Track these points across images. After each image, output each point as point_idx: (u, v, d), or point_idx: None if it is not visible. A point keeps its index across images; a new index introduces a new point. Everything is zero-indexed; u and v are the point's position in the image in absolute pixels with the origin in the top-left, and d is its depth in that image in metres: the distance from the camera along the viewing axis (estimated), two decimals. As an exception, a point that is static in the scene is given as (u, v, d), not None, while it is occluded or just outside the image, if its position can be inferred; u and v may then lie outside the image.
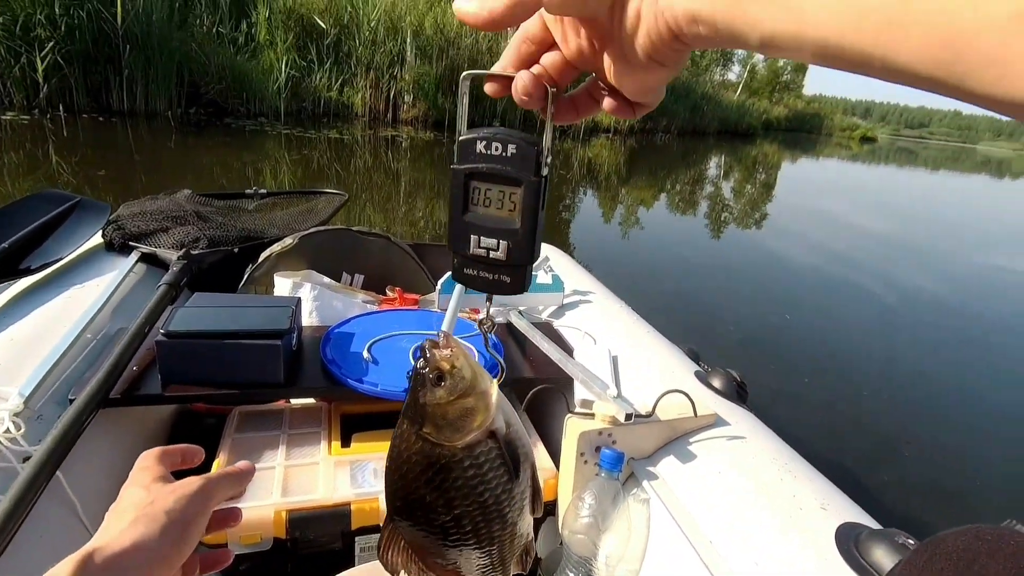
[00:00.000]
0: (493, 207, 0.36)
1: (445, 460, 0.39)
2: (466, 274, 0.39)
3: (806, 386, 2.72)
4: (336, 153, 6.87)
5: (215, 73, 7.82)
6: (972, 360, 3.42)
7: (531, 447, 0.43)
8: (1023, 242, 8.41)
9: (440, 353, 0.38)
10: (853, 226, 7.54)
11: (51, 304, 1.03)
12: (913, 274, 5.31)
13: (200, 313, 0.92)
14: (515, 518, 0.43)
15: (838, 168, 18.71)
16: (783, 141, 26.49)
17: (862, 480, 2.03)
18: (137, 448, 0.98)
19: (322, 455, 0.91)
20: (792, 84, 40.26)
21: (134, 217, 1.39)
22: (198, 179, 4.66)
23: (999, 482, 2.20)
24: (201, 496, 0.42)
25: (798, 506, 0.73)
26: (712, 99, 21.19)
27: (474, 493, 0.40)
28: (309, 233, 1.35)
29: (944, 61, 0.18)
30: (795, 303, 3.98)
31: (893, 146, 48.60)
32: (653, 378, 1.04)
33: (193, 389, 0.88)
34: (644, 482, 0.85)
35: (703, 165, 12.89)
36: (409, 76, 9.82)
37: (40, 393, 0.81)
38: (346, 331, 1.08)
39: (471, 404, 0.38)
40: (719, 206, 7.83)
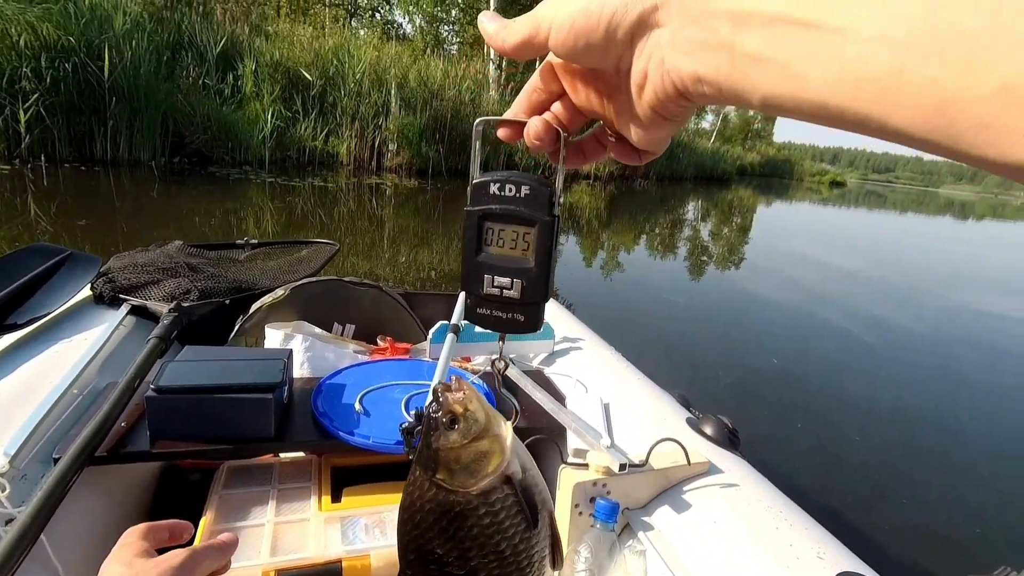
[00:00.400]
0: (507, 247, 0.37)
1: (460, 508, 0.37)
2: (479, 313, 0.38)
3: (797, 431, 2.72)
4: (320, 200, 6.91)
5: (200, 123, 7.90)
6: (957, 401, 3.45)
7: (548, 494, 0.41)
8: (992, 281, 8.63)
9: (453, 396, 0.37)
10: (830, 267, 7.69)
11: (38, 359, 1.02)
12: (891, 315, 5.39)
13: (191, 367, 0.92)
14: (535, 572, 0.41)
15: (811, 211, 19.32)
16: (757, 186, 27.40)
17: (857, 526, 2.01)
18: (122, 507, 0.96)
19: (312, 511, 0.89)
20: (763, 132, 42.46)
21: (124, 270, 1.39)
22: (179, 227, 4.65)
23: (991, 525, 2.19)
24: (184, 571, 0.41)
25: (795, 556, 0.73)
26: (687, 146, 22.00)
27: (490, 543, 0.38)
28: (300, 284, 1.36)
29: (938, 126, 0.19)
30: (780, 346, 4.02)
31: (862, 190, 50.55)
32: (645, 426, 1.04)
33: (182, 445, 0.87)
34: (640, 533, 0.85)
35: (682, 210, 13.22)
36: (394, 126, 10.02)
37: (25, 452, 0.79)
38: (337, 382, 1.08)
39: (485, 447, 0.37)
40: (699, 249, 7.97)
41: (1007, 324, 5.68)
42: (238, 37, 9.12)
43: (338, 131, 9.80)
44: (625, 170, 16.51)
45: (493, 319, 0.38)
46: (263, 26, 10.39)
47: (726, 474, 0.91)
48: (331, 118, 9.69)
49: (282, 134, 9.01)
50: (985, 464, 2.68)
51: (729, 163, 27.00)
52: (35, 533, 0.65)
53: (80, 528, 0.79)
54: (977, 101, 0.18)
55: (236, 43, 8.94)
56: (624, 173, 16.53)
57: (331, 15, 17.10)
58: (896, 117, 0.20)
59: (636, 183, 17.08)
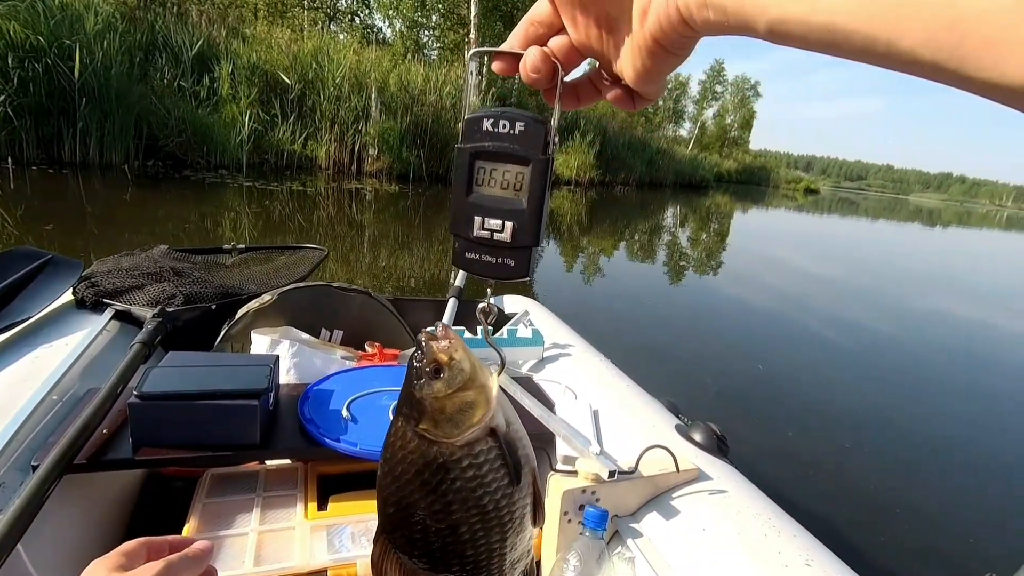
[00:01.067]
0: (499, 187, 0.35)
1: (443, 459, 0.36)
2: (467, 258, 0.37)
3: (785, 437, 2.73)
4: (299, 205, 6.82)
5: (175, 126, 7.73)
6: (944, 407, 3.49)
7: (532, 451, 0.41)
8: (964, 287, 8.81)
9: (438, 345, 0.36)
10: (810, 274, 7.83)
11: (17, 365, 1.00)
12: (871, 319, 5.49)
13: (175, 373, 0.90)
14: (516, 529, 0.40)
15: (788, 218, 19.69)
16: (734, 192, 27.93)
17: (845, 534, 2.02)
18: (103, 516, 0.94)
19: (298, 519, 0.88)
20: (739, 140, 43.36)
21: (108, 274, 1.37)
22: (153, 232, 4.56)
23: (979, 531, 2.21)
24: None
25: (784, 563, 0.73)
26: (667, 153, 22.41)
27: (473, 497, 0.37)
28: (287, 289, 1.34)
29: (947, 44, 0.19)
30: (764, 351, 4.05)
31: (835, 197, 52.38)
32: (634, 433, 1.04)
33: (165, 452, 0.86)
34: (628, 540, 0.84)
35: (661, 215, 13.39)
36: (374, 130, 9.95)
37: (3, 459, 0.77)
38: (325, 389, 1.07)
39: (471, 398, 0.36)
40: (681, 256, 8.04)
41: (981, 329, 5.82)
42: (214, 39, 8.98)
43: (317, 135, 9.70)
44: (606, 176, 16.64)
45: (482, 264, 0.37)
46: (240, 28, 10.27)
47: (715, 481, 0.90)
48: (310, 122, 9.59)
49: (260, 138, 8.88)
50: (974, 471, 2.72)
51: (707, 170, 27.61)
52: (11, 542, 0.63)
53: (59, 538, 0.78)
54: (993, 13, 0.18)
55: (212, 45, 8.80)
56: (605, 180, 16.68)
57: (310, 18, 16.99)
58: (906, 38, 0.20)
59: (617, 189, 17.28)
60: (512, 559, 0.42)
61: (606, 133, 16.73)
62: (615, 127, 18.14)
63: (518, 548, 0.42)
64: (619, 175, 17.78)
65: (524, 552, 0.43)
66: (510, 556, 0.41)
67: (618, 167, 17.60)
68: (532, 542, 0.43)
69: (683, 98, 40.38)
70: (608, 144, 16.69)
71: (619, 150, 17.71)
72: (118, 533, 0.97)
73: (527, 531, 0.42)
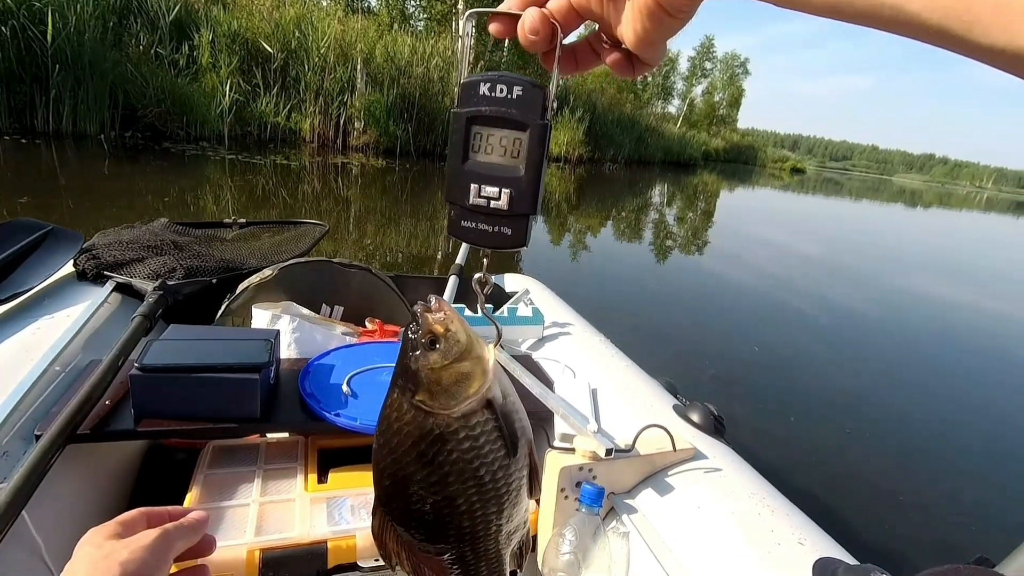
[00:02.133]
0: (495, 153, 0.35)
1: (440, 431, 0.36)
2: (463, 227, 0.36)
3: (782, 418, 2.76)
4: (283, 179, 6.66)
5: (153, 96, 7.44)
6: (937, 388, 3.52)
7: (528, 423, 0.41)
8: (948, 269, 8.87)
9: (433, 316, 0.36)
10: (804, 256, 7.82)
11: (19, 335, 1.00)
12: (864, 301, 5.52)
13: (176, 346, 0.91)
14: (513, 500, 0.40)
15: (776, 198, 19.74)
16: (722, 171, 27.95)
17: (838, 513, 2.05)
18: (106, 486, 0.95)
19: (298, 491, 0.89)
20: (727, 118, 43.13)
21: (109, 246, 1.37)
22: (131, 205, 4.45)
23: (971, 512, 2.24)
24: (156, 548, 0.41)
25: (776, 541, 0.74)
26: (655, 131, 22.23)
27: (470, 468, 0.37)
28: (288, 264, 1.34)
29: (955, 9, 0.18)
30: (760, 332, 4.06)
31: (820, 177, 52.42)
32: (632, 412, 1.04)
33: (167, 424, 0.86)
34: (624, 517, 0.85)
35: (651, 195, 13.34)
36: (359, 103, 9.66)
37: (6, 429, 0.78)
38: (325, 364, 1.07)
39: (467, 369, 0.36)
40: (669, 235, 8.00)
41: (968, 313, 5.86)
42: (192, 4, 8.58)
43: (301, 107, 9.38)
44: (595, 153, 16.52)
45: (477, 233, 0.36)
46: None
47: (711, 460, 0.91)
48: (293, 93, 9.27)
49: (241, 109, 8.57)
50: (965, 452, 2.75)
51: (695, 148, 27.53)
52: (16, 510, 0.64)
53: (62, 506, 0.79)
54: None
55: (191, 11, 8.41)
56: (594, 157, 16.57)
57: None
58: (913, 1, 0.19)
59: (605, 167, 17.18)
60: (508, 530, 0.42)
61: (595, 109, 16.55)
62: (604, 103, 17.96)
63: (514, 520, 0.42)
64: (608, 152, 17.71)
65: (520, 524, 0.43)
66: (506, 527, 0.42)
67: (607, 144, 17.53)
68: (528, 514, 0.43)
69: (672, 74, 39.99)
70: (597, 120, 16.52)
71: (608, 127, 17.55)
72: (121, 503, 0.99)
73: (523, 503, 0.42)
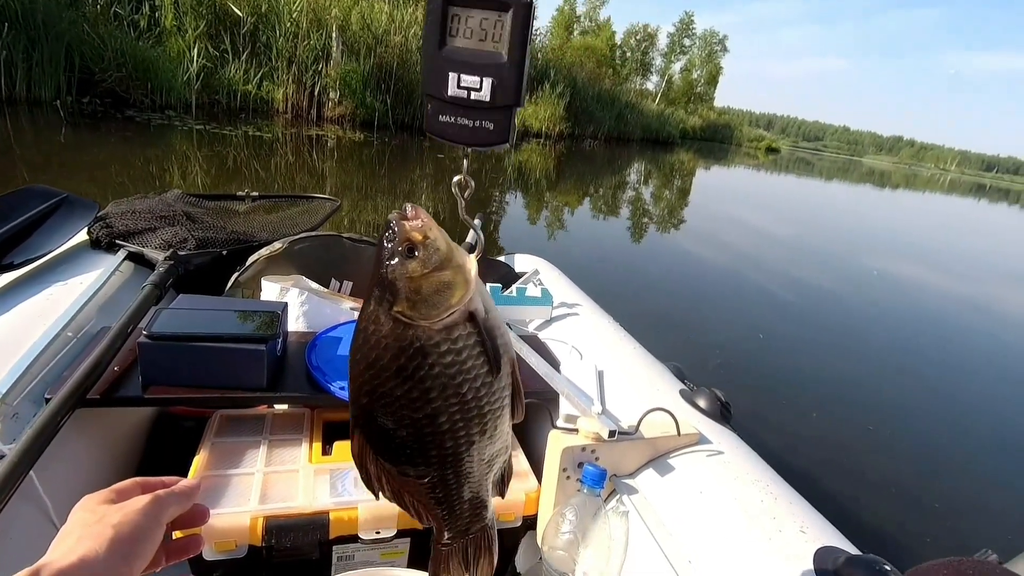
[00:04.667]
0: (476, 38, 0.32)
1: (420, 343, 0.34)
2: (441, 123, 0.34)
3: (789, 406, 2.74)
4: (255, 151, 6.40)
5: (112, 59, 6.97)
6: (947, 377, 3.49)
7: (511, 342, 0.39)
8: (926, 251, 8.89)
9: (411, 223, 0.34)
10: (796, 241, 7.79)
11: (33, 300, 1.02)
12: (870, 288, 5.50)
13: (185, 315, 0.91)
14: (495, 422, 0.39)
15: (753, 177, 19.71)
16: (699, 150, 27.93)
17: (841, 503, 2.04)
18: (115, 451, 0.97)
19: (302, 462, 0.90)
20: (705, 96, 43.02)
21: (122, 215, 1.38)
22: (92, 176, 4.23)
23: (977, 505, 2.22)
24: (149, 512, 0.41)
25: (778, 528, 0.74)
26: (635, 107, 22.06)
27: (452, 384, 0.36)
28: (298, 238, 1.34)
29: None
30: (764, 317, 4.03)
31: (793, 156, 53.36)
32: (637, 395, 1.04)
33: (174, 392, 0.87)
34: (626, 499, 0.85)
35: (629, 172, 13.25)
36: (335, 72, 9.27)
37: (17, 391, 0.79)
38: (333, 337, 1.08)
39: (448, 278, 0.34)
40: (647, 213, 7.89)
41: (964, 298, 5.89)
42: None
43: (273, 75, 8.96)
44: (575, 130, 16.44)
45: (457, 128, 0.34)
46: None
47: (715, 446, 0.91)
48: (264, 61, 8.83)
49: (209, 76, 8.12)
50: (974, 444, 2.72)
51: (674, 126, 27.52)
52: (24, 469, 0.66)
53: (72, 468, 0.80)
54: None
55: None
56: (574, 133, 16.47)
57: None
58: None
59: (586, 143, 17.07)
60: (491, 452, 0.41)
61: (576, 84, 16.38)
62: (584, 77, 17.82)
63: (496, 443, 0.41)
64: (588, 128, 17.67)
65: (502, 449, 0.42)
66: (489, 450, 0.40)
67: (587, 121, 17.45)
68: (509, 439, 0.42)
69: (651, 50, 39.87)
70: (577, 96, 16.37)
71: (588, 103, 17.42)
72: (129, 468, 1.01)
73: (505, 425, 0.41)
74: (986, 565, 0.48)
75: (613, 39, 31.93)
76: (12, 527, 0.66)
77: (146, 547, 0.40)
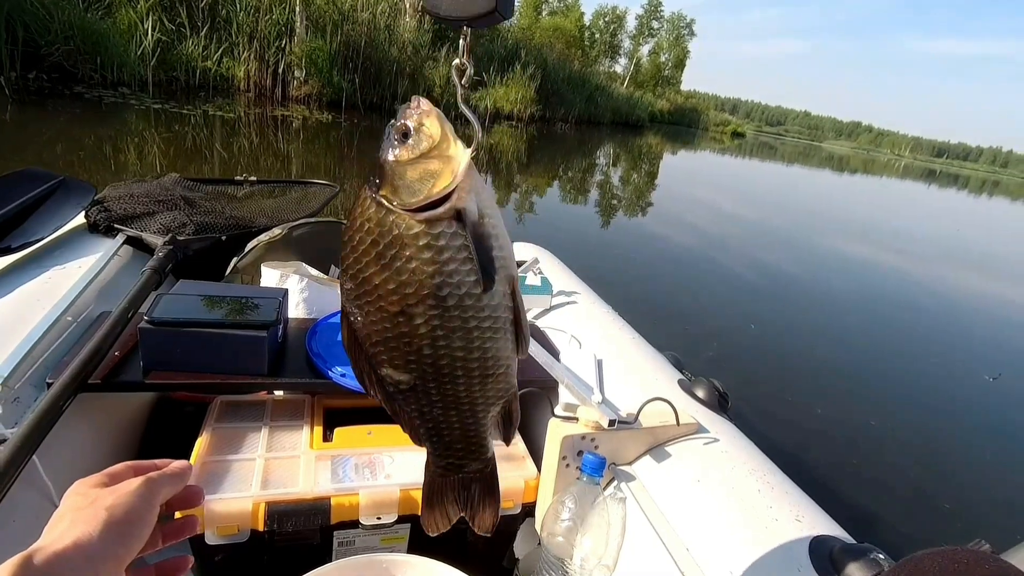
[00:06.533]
0: None
1: (399, 231, 0.34)
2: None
3: (784, 397, 2.76)
4: (215, 131, 6.17)
5: (59, 31, 6.56)
6: (945, 370, 3.52)
7: (513, 263, 0.37)
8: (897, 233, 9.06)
9: (409, 111, 0.34)
10: (762, 223, 7.88)
11: (31, 284, 1.01)
12: (865, 274, 5.60)
13: (186, 301, 0.91)
14: (485, 343, 0.37)
15: (725, 161, 20.26)
16: (666, 133, 28.42)
17: (836, 492, 2.07)
18: (116, 436, 0.97)
19: (303, 448, 0.91)
20: (672, 79, 43.86)
21: (120, 199, 1.37)
22: (38, 155, 3.99)
23: (971, 496, 2.25)
24: (142, 493, 0.41)
25: (774, 517, 0.75)
26: (604, 90, 22.20)
27: (430, 284, 0.35)
28: (298, 224, 1.34)
29: None
30: (757, 311, 4.03)
31: (757, 141, 54.74)
32: (637, 384, 1.04)
33: (175, 377, 0.87)
34: (624, 487, 0.86)
35: (596, 154, 13.31)
36: (299, 50, 8.92)
37: (18, 375, 0.79)
38: (333, 324, 1.08)
39: (433, 167, 0.34)
40: (621, 198, 7.88)
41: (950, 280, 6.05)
42: None
43: (233, 51, 8.57)
44: (546, 112, 16.47)
45: (451, 1, 0.33)
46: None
47: (713, 436, 0.92)
48: (224, 36, 8.43)
49: (166, 51, 7.73)
50: (969, 432, 2.75)
51: (643, 110, 27.91)
52: (26, 453, 0.66)
53: (74, 453, 0.81)
54: None
55: None
56: (545, 115, 16.50)
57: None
58: None
59: (557, 126, 17.15)
60: (484, 383, 0.39)
61: (546, 65, 16.36)
62: (554, 59, 17.84)
63: (489, 372, 0.39)
64: (559, 112, 17.72)
65: (503, 384, 0.40)
66: (479, 376, 0.39)
67: (557, 103, 17.48)
68: (510, 376, 0.41)
69: (620, 32, 40.05)
70: (548, 78, 16.33)
71: (559, 85, 17.42)
72: (130, 453, 1.01)
73: (502, 355, 0.39)
74: (980, 555, 0.48)
75: (582, 20, 31.57)
76: (16, 511, 0.66)
77: (140, 529, 0.40)
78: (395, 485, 0.85)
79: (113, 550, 0.37)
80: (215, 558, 0.81)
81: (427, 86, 10.50)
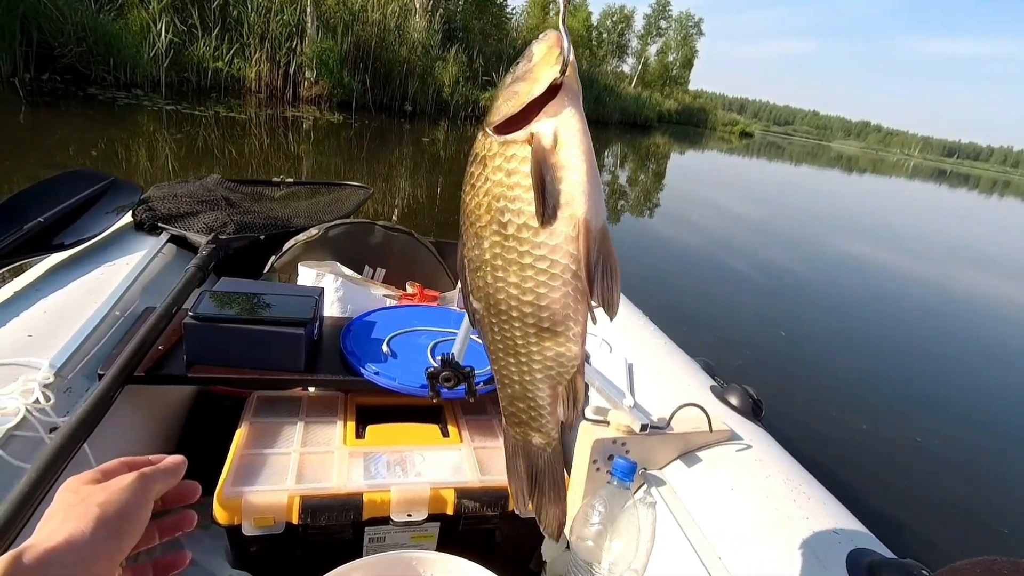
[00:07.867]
0: None
1: (483, 153, 0.36)
2: None
3: (818, 406, 2.69)
4: (227, 132, 6.11)
5: (72, 33, 6.60)
6: (985, 382, 3.38)
7: (593, 207, 0.34)
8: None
9: (545, 39, 0.35)
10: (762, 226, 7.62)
11: (83, 280, 1.06)
12: (896, 280, 5.43)
13: (228, 298, 0.94)
14: (540, 290, 0.36)
15: (735, 162, 19.98)
16: (675, 134, 27.96)
17: (876, 506, 2.00)
18: (159, 426, 1.00)
19: (337, 444, 0.92)
20: (680, 79, 43.02)
21: (164, 199, 1.41)
22: (51, 157, 4.01)
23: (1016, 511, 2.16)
24: (135, 489, 0.40)
25: (811, 529, 0.73)
26: (612, 90, 22.10)
27: (495, 207, 0.35)
28: (334, 225, 1.37)
29: None
30: (786, 317, 3.95)
31: (764, 140, 53.83)
32: (668, 389, 1.03)
33: (216, 371, 0.90)
34: (655, 492, 0.85)
35: (604, 155, 13.09)
36: (310, 50, 8.98)
37: (70, 366, 0.83)
38: (367, 322, 1.10)
39: (518, 87, 0.34)
40: (640, 201, 7.74)
41: None
42: None
43: (244, 52, 8.61)
44: None
45: None
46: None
47: (747, 443, 0.90)
48: (236, 37, 8.48)
49: (178, 53, 7.76)
50: (1017, 444, 2.63)
51: (651, 109, 27.60)
52: (78, 441, 0.69)
53: (120, 441, 0.84)
54: None
55: None
56: None
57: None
58: None
59: None
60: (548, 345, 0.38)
61: None
62: None
63: (549, 328, 0.37)
64: None
65: (563, 356, 0.38)
66: (538, 335, 0.37)
67: None
68: (575, 347, 0.38)
69: (627, 32, 39.39)
70: None
71: None
72: (171, 444, 1.04)
73: (562, 316, 0.37)
74: (1018, 564, 0.47)
75: (589, 20, 31.41)
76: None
77: (133, 525, 0.39)
78: (426, 483, 0.85)
79: (105, 547, 0.36)
80: (251, 549, 0.83)
81: (437, 86, 10.46)
